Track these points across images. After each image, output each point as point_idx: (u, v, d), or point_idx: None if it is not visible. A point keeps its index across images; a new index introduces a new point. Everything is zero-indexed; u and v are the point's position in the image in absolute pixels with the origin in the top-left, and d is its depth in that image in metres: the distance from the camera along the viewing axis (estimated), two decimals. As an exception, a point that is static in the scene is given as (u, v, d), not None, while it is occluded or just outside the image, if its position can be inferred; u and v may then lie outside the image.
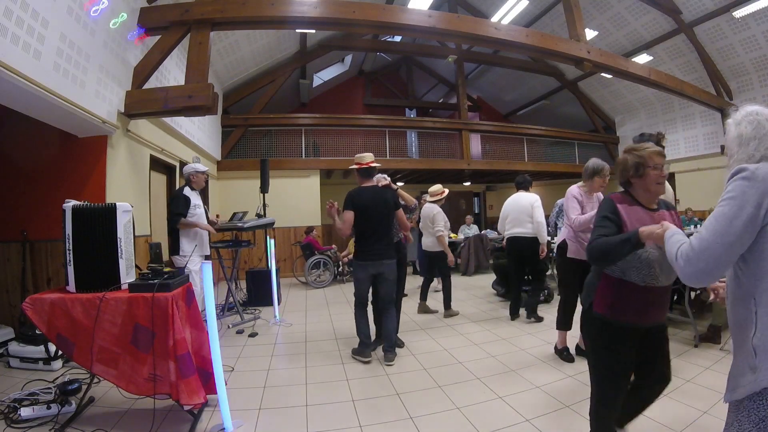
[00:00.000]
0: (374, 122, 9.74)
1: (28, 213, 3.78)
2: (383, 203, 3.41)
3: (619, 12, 8.60)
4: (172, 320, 2.17)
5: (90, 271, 2.27)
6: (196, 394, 2.19)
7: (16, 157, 3.88)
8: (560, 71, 11.13)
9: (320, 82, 13.10)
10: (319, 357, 3.54)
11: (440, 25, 4.88)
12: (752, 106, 1.27)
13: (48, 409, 2.38)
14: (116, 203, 2.30)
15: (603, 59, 5.90)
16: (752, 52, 7.82)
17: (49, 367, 3.14)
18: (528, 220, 4.42)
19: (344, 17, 4.52)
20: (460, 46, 10.25)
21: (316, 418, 2.46)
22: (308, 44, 9.11)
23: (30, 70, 2.78)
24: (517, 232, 4.48)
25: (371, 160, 3.52)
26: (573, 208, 3.17)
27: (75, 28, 3.28)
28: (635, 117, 10.86)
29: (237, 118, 8.66)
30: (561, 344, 3.42)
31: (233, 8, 4.23)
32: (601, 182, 3.18)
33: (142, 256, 4.10)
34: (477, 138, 10.43)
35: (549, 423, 2.34)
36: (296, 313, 5.25)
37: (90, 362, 2.22)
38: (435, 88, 15.02)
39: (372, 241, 3.39)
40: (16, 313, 3.66)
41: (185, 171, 4.15)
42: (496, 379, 2.98)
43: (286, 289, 6.86)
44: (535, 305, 4.55)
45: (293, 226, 8.54)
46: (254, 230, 5.48)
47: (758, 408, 1.01)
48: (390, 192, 3.53)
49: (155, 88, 4.30)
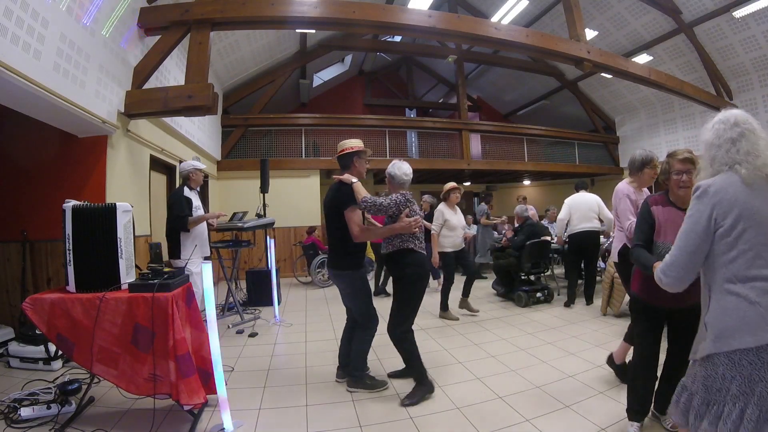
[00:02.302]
0: (374, 122, 9.74)
1: (28, 213, 3.78)
2: (326, 203, 2.89)
3: (619, 12, 8.60)
4: (172, 320, 2.17)
5: (90, 271, 2.27)
6: (196, 394, 2.19)
7: (17, 157, 3.87)
8: (560, 71, 11.13)
9: (320, 82, 13.10)
10: (319, 357, 3.54)
11: (440, 25, 4.88)
12: (728, 112, 1.43)
13: (48, 409, 2.38)
14: (116, 203, 2.30)
15: (603, 59, 5.90)
16: (752, 52, 7.82)
17: (49, 367, 3.14)
18: (594, 216, 5.02)
19: (344, 17, 4.51)
20: (460, 46, 10.25)
21: (316, 418, 2.46)
22: (308, 44, 9.11)
23: (30, 70, 2.78)
24: (585, 226, 5.01)
25: (345, 147, 2.88)
26: (628, 210, 2.81)
27: (75, 28, 3.28)
28: (635, 117, 10.85)
29: (237, 118, 8.66)
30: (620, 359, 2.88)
31: (233, 8, 4.22)
32: (651, 174, 2.85)
33: (142, 256, 4.10)
34: (477, 138, 10.43)
35: (549, 423, 2.34)
36: (296, 313, 5.25)
37: (90, 362, 2.22)
38: (435, 88, 15.01)
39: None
40: (16, 313, 3.66)
41: (183, 168, 3.98)
42: (497, 379, 2.98)
43: (286, 289, 6.86)
44: (592, 294, 5.21)
45: (293, 226, 8.54)
46: (254, 230, 5.47)
47: (705, 368, 1.34)
48: (341, 189, 2.75)
49: (155, 88, 4.30)
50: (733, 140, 1.36)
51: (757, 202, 1.29)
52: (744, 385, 1.25)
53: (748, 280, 1.26)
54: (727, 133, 1.38)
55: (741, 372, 1.25)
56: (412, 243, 2.76)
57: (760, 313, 1.22)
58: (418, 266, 2.76)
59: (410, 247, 2.75)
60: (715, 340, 1.30)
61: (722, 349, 1.28)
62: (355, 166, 2.87)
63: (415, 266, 2.75)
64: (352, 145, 2.90)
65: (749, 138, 1.35)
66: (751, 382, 1.23)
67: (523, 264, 5.34)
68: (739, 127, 1.37)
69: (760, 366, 1.22)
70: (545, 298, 5.38)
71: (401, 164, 2.93)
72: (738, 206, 1.29)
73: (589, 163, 11.24)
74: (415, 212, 2.75)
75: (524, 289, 5.34)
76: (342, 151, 2.88)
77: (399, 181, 2.89)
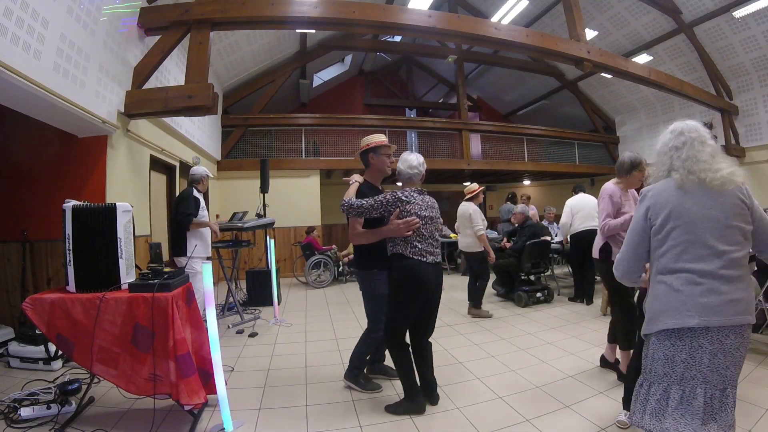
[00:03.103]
0: (374, 122, 9.73)
1: (28, 213, 3.78)
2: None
3: (619, 12, 8.60)
4: (172, 320, 2.17)
5: (90, 271, 2.27)
6: (196, 394, 2.19)
7: (16, 157, 3.87)
8: (560, 71, 11.13)
9: (320, 82, 13.10)
10: (319, 357, 3.54)
11: (440, 25, 4.88)
12: (679, 122, 1.59)
13: (48, 409, 2.38)
14: (116, 203, 2.29)
15: (603, 59, 5.90)
16: (752, 52, 7.82)
17: (49, 367, 3.14)
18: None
19: (344, 17, 4.51)
20: (460, 46, 10.24)
21: (316, 418, 2.46)
22: (308, 44, 9.11)
23: (30, 70, 2.78)
24: (588, 225, 5.12)
25: (363, 144, 2.82)
26: (605, 211, 2.85)
27: (75, 28, 3.28)
28: (635, 117, 10.86)
29: (237, 118, 8.66)
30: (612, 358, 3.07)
31: (233, 8, 4.22)
32: (640, 176, 2.84)
33: (142, 256, 4.10)
34: (477, 138, 10.43)
35: (549, 423, 2.34)
36: (296, 313, 5.25)
37: (90, 362, 2.22)
38: (435, 88, 15.01)
39: None
40: (16, 313, 3.66)
41: (196, 172, 4.15)
42: (497, 380, 2.98)
43: (286, 289, 6.86)
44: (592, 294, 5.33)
45: (293, 226, 8.54)
46: (254, 230, 5.47)
47: (647, 346, 1.53)
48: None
49: (155, 88, 4.30)
50: (677, 148, 1.53)
51: (688, 203, 1.45)
52: (667, 366, 1.42)
53: (675, 271, 1.43)
54: (672, 142, 1.55)
55: (665, 352, 1.43)
56: (402, 248, 2.43)
57: (682, 300, 1.39)
58: (402, 272, 2.43)
59: (399, 252, 2.45)
60: (647, 323, 1.51)
61: (652, 329, 1.48)
62: (372, 162, 2.73)
63: (399, 271, 2.44)
64: (369, 141, 2.77)
65: (692, 146, 1.50)
66: (672, 363, 1.41)
67: (523, 264, 5.35)
68: (683, 136, 1.53)
69: (681, 348, 1.40)
70: (545, 298, 5.38)
71: (407, 156, 2.64)
72: (669, 207, 1.47)
73: (589, 163, 11.24)
74: (411, 213, 2.42)
75: (524, 289, 5.35)
76: (360, 149, 2.79)
77: (405, 176, 2.62)
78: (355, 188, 2.60)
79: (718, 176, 1.43)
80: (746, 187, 1.47)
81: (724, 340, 1.36)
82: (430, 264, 2.46)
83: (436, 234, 2.56)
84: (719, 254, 1.38)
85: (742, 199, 1.44)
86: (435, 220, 2.56)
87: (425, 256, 2.44)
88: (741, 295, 1.37)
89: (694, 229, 1.42)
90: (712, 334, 1.36)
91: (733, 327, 1.35)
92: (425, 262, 2.44)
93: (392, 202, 2.41)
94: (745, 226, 1.43)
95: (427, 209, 2.52)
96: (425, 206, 2.51)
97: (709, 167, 1.44)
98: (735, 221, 1.41)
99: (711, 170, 1.44)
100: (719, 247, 1.38)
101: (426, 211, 2.50)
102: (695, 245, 1.41)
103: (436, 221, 2.57)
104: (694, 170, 1.46)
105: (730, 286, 1.36)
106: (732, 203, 1.43)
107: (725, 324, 1.34)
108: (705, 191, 1.44)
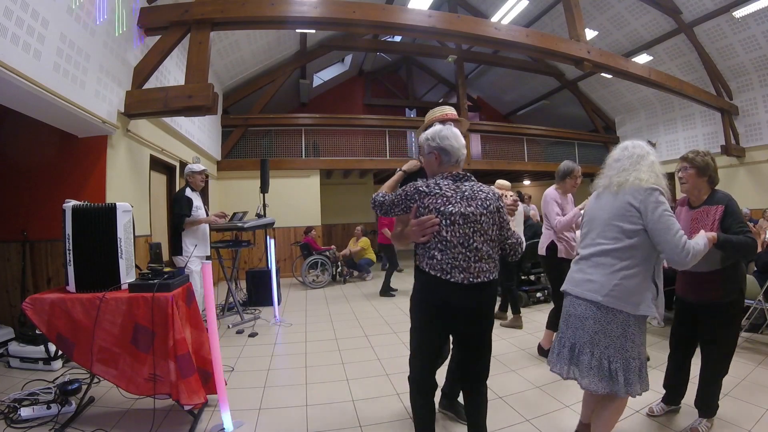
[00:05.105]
0: (374, 122, 9.73)
1: (28, 213, 3.77)
2: None
3: (619, 12, 8.60)
4: (172, 320, 2.17)
5: (90, 271, 2.27)
6: (196, 394, 2.20)
7: (16, 157, 3.87)
8: (560, 71, 11.13)
9: (320, 82, 13.10)
10: (319, 357, 3.54)
11: (440, 25, 4.88)
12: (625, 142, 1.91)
13: (48, 409, 2.38)
14: (116, 203, 2.30)
15: (603, 59, 5.90)
16: (752, 52, 7.82)
17: (49, 367, 3.14)
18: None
19: (344, 17, 4.51)
20: (460, 46, 10.24)
21: (316, 418, 2.46)
22: (308, 44, 9.11)
23: (30, 70, 2.78)
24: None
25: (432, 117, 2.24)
26: (553, 211, 3.23)
27: (75, 28, 3.27)
28: (635, 117, 10.86)
29: (237, 118, 8.66)
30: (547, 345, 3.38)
31: (233, 8, 4.22)
32: (572, 183, 3.32)
33: (142, 256, 4.10)
34: (477, 138, 10.44)
35: (549, 423, 2.34)
36: (296, 313, 5.25)
37: (90, 362, 2.22)
38: (435, 88, 15.01)
39: None
40: (16, 313, 3.66)
41: (185, 171, 4.26)
42: (497, 379, 2.97)
43: (286, 289, 6.86)
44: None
45: (293, 226, 8.54)
46: (254, 230, 5.47)
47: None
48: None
49: (155, 88, 4.29)
50: (609, 165, 1.90)
51: (597, 210, 1.89)
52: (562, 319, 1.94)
53: (581, 259, 1.90)
54: (610, 158, 1.92)
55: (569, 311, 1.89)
56: (420, 258, 1.77)
57: (570, 272, 1.95)
58: (413, 292, 1.83)
59: (417, 264, 1.81)
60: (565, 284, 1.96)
61: (565, 288, 1.94)
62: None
63: (415, 290, 1.82)
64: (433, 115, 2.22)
65: (622, 162, 1.84)
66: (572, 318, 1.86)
67: (523, 264, 5.34)
68: (627, 151, 1.85)
69: (576, 304, 1.84)
70: (545, 298, 5.38)
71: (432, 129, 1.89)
72: (587, 214, 1.97)
73: (589, 163, 11.20)
74: (430, 208, 1.69)
75: (524, 289, 5.35)
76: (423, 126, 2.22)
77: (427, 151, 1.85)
78: (396, 179, 2.05)
79: (615, 182, 1.82)
80: (656, 195, 1.69)
81: (577, 306, 1.83)
82: (458, 285, 1.66)
83: (478, 241, 1.69)
84: (595, 245, 1.83)
85: (631, 203, 1.73)
86: (478, 219, 1.70)
87: (449, 272, 1.66)
88: (598, 278, 1.76)
89: (590, 225, 1.91)
90: (570, 298, 1.88)
91: (585, 301, 1.79)
92: (448, 281, 1.66)
93: (411, 194, 1.76)
94: (627, 225, 1.73)
95: (462, 203, 1.70)
96: (458, 198, 1.71)
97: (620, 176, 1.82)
98: (616, 221, 1.76)
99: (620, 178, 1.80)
100: (596, 240, 1.83)
101: (457, 205, 1.68)
102: (587, 237, 1.91)
103: (480, 222, 1.70)
104: (605, 183, 1.88)
105: (594, 270, 1.80)
106: (619, 206, 1.77)
107: (579, 295, 1.82)
108: (608, 196, 1.84)
